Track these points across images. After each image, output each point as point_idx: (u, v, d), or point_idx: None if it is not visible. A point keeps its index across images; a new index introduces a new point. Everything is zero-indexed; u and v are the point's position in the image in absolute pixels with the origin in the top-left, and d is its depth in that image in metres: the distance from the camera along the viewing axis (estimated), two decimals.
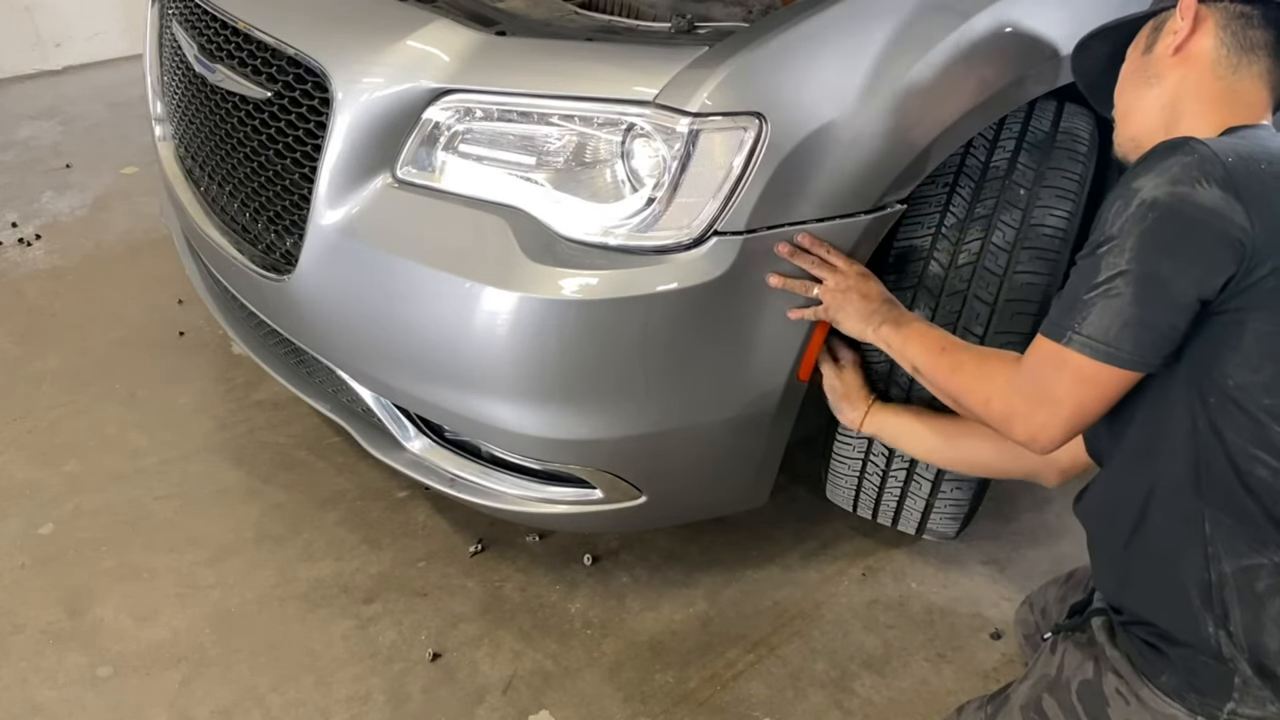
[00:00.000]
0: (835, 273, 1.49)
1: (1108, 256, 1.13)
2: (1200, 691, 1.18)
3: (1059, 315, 1.19)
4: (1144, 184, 1.11)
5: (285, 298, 1.72)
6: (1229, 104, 1.22)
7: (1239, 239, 1.08)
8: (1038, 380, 1.22)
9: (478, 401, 1.57)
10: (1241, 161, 1.09)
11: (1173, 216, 1.09)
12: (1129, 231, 1.11)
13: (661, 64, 1.42)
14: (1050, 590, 1.68)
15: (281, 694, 1.73)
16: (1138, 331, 1.12)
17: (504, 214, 1.48)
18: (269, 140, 1.70)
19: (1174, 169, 1.10)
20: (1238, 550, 1.15)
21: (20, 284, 2.89)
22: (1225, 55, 1.23)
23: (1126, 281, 1.11)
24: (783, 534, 2.07)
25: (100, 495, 2.14)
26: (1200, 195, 1.08)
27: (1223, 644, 1.16)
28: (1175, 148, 1.12)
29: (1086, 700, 1.28)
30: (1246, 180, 1.08)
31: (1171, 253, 1.10)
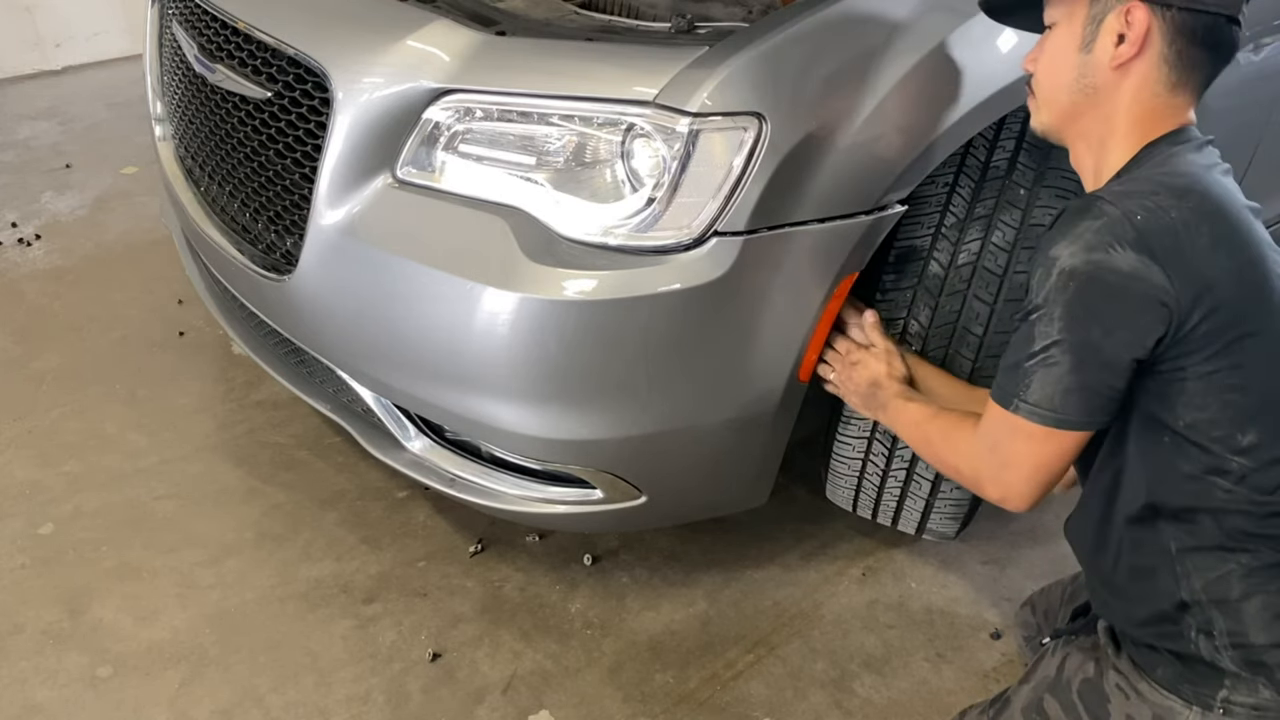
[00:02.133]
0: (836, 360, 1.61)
1: (1039, 325, 1.16)
2: (1194, 683, 1.22)
3: (1005, 381, 1.21)
4: (1060, 252, 1.13)
5: (285, 298, 1.72)
6: (1159, 118, 1.22)
7: (1161, 300, 1.10)
8: (995, 445, 1.26)
9: (478, 402, 1.57)
10: (1151, 216, 1.11)
11: (1093, 284, 1.11)
12: (1054, 301, 1.14)
13: (661, 64, 1.42)
14: (1053, 592, 1.68)
15: (281, 694, 1.73)
16: (1080, 396, 1.16)
17: (504, 214, 1.48)
18: (269, 140, 1.70)
19: (1086, 235, 1.12)
20: (1204, 565, 1.20)
21: (20, 284, 2.89)
22: (1166, 74, 1.20)
23: (1062, 350, 1.14)
24: (783, 534, 2.07)
25: (100, 495, 2.14)
26: (1116, 260, 1.10)
27: (1205, 649, 1.20)
28: (1084, 210, 1.14)
29: (1087, 698, 1.31)
30: (1159, 236, 1.10)
31: (1099, 320, 1.13)
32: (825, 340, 1.61)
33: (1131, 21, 1.18)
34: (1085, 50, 1.23)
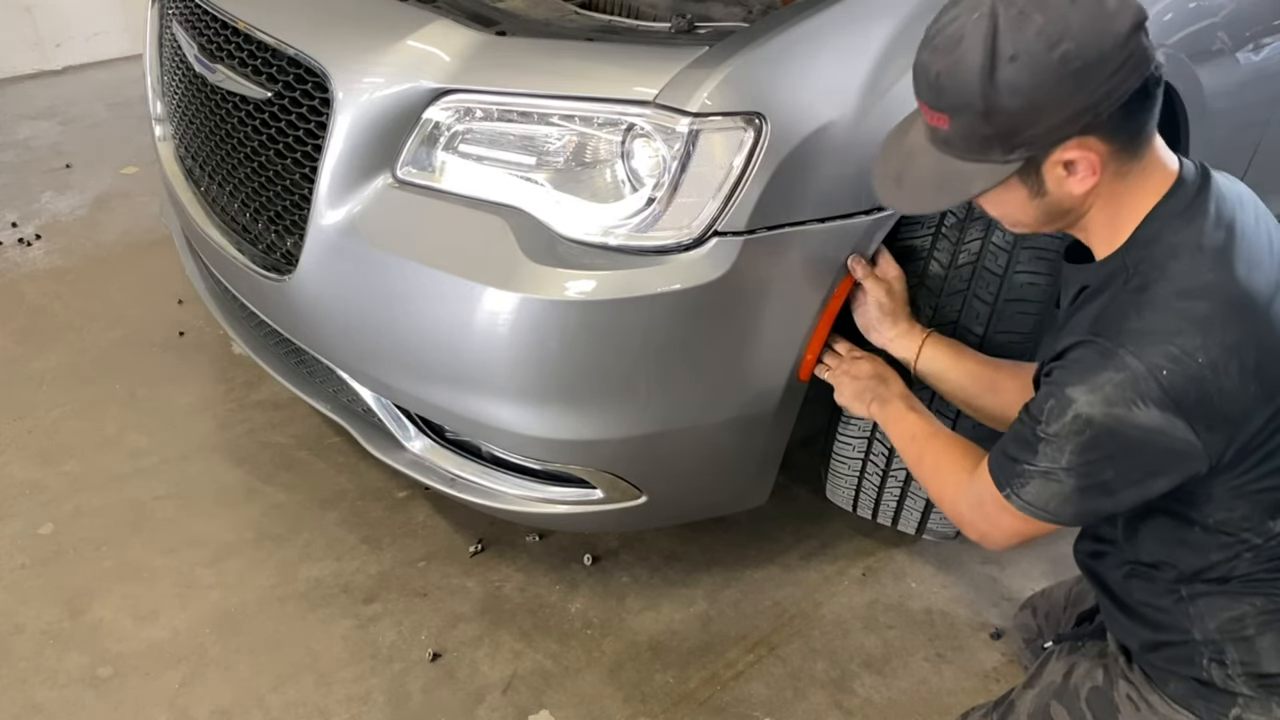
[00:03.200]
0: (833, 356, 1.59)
1: (1044, 446, 1.12)
2: (1207, 700, 1.21)
3: (1003, 467, 1.18)
4: (1077, 395, 1.08)
5: (285, 298, 1.72)
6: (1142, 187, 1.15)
7: (1185, 449, 1.07)
8: (981, 505, 1.24)
9: (478, 402, 1.57)
10: (1176, 369, 1.04)
11: (1112, 437, 1.08)
12: (1065, 437, 1.10)
13: (661, 64, 1.42)
14: (1055, 594, 1.68)
15: (281, 694, 1.73)
16: (1078, 509, 1.15)
17: (504, 214, 1.48)
18: (269, 140, 1.70)
19: (1107, 388, 1.06)
20: (1218, 608, 1.19)
21: (20, 284, 2.89)
22: (1126, 159, 1.12)
23: (1069, 476, 1.12)
24: (783, 534, 2.07)
25: (100, 495, 2.14)
26: (1138, 417, 1.06)
27: (1219, 676, 1.20)
28: (1107, 358, 1.07)
29: (1096, 707, 1.30)
30: (1185, 390, 1.04)
31: (1114, 464, 1.10)
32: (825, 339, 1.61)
33: (1074, 160, 1.10)
34: (1039, 197, 1.15)
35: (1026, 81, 1.05)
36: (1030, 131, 1.08)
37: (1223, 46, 1.81)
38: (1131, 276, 1.12)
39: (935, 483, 1.37)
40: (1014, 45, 1.05)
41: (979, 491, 1.24)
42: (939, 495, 1.36)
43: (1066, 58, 1.04)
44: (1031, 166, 1.12)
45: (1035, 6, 1.05)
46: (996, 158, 1.11)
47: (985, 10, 1.07)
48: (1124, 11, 1.05)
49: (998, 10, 1.06)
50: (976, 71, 1.07)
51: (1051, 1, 1.05)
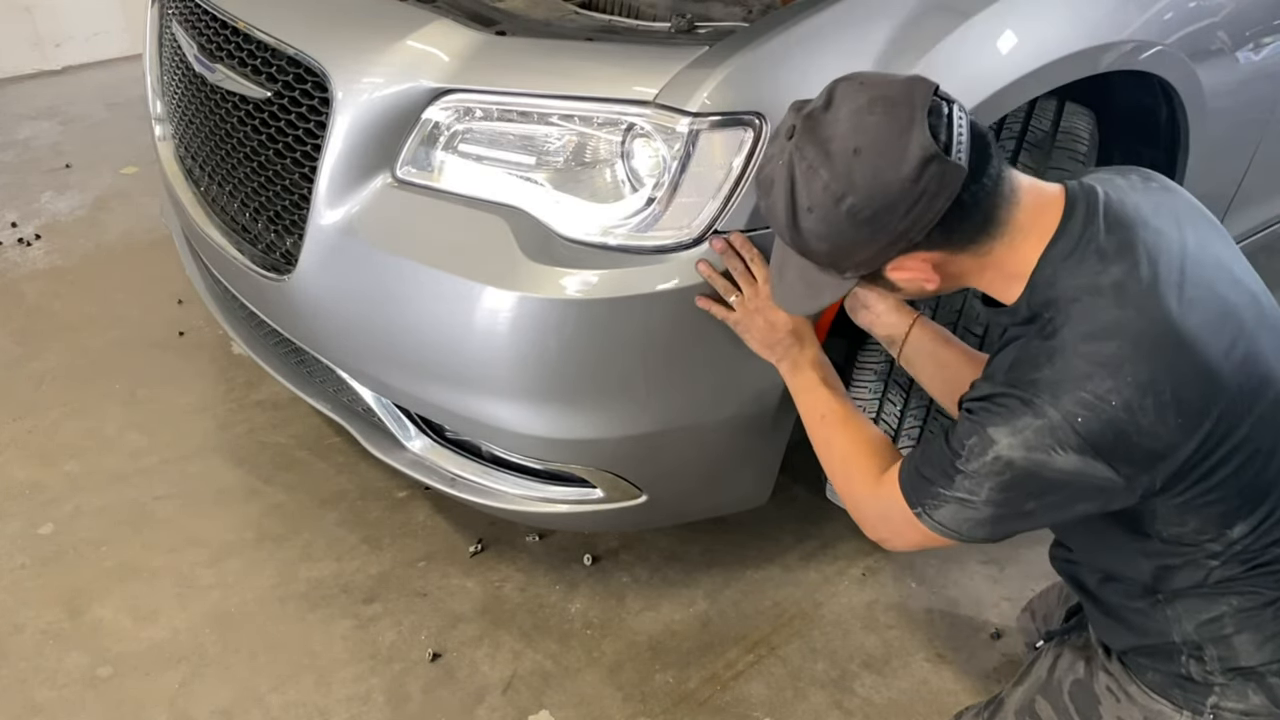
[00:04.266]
0: (751, 287, 1.42)
1: (962, 480, 1.12)
2: (1184, 689, 1.22)
3: (917, 485, 1.17)
4: (999, 437, 1.08)
5: (285, 297, 1.72)
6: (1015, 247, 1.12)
7: (1107, 486, 1.08)
8: (888, 515, 1.23)
9: (478, 401, 1.57)
10: (1092, 415, 1.04)
11: (1032, 478, 1.08)
12: (984, 476, 1.10)
13: (661, 64, 1.42)
14: (1050, 595, 1.68)
15: (281, 694, 1.73)
16: (993, 532, 1.15)
17: (504, 214, 1.48)
18: (269, 140, 1.70)
19: (1026, 432, 1.06)
20: (1195, 609, 1.19)
21: (20, 284, 2.89)
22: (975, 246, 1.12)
23: (986, 506, 1.12)
24: (783, 534, 2.07)
25: (100, 495, 2.14)
26: (1058, 462, 1.06)
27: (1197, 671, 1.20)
28: (1025, 405, 1.07)
29: (1079, 699, 1.31)
30: (1102, 433, 1.04)
31: (1036, 498, 1.10)
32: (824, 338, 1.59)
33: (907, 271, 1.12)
34: (896, 291, 1.18)
35: (824, 230, 1.09)
36: (848, 263, 1.13)
37: (1222, 46, 1.81)
38: (1042, 321, 1.11)
39: (841, 475, 1.34)
40: (808, 198, 1.09)
41: (887, 504, 1.22)
42: (844, 489, 1.33)
43: (854, 210, 1.06)
44: (873, 278, 1.16)
45: (821, 161, 1.07)
46: (834, 274, 1.16)
47: (785, 160, 1.10)
48: (908, 152, 1.03)
49: (794, 162, 1.09)
50: (783, 218, 1.12)
51: (835, 155, 1.06)
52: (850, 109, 1.07)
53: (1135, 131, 1.86)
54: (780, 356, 1.44)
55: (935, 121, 1.05)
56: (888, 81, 1.09)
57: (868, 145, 1.05)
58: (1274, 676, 1.17)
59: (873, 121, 1.05)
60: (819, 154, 1.07)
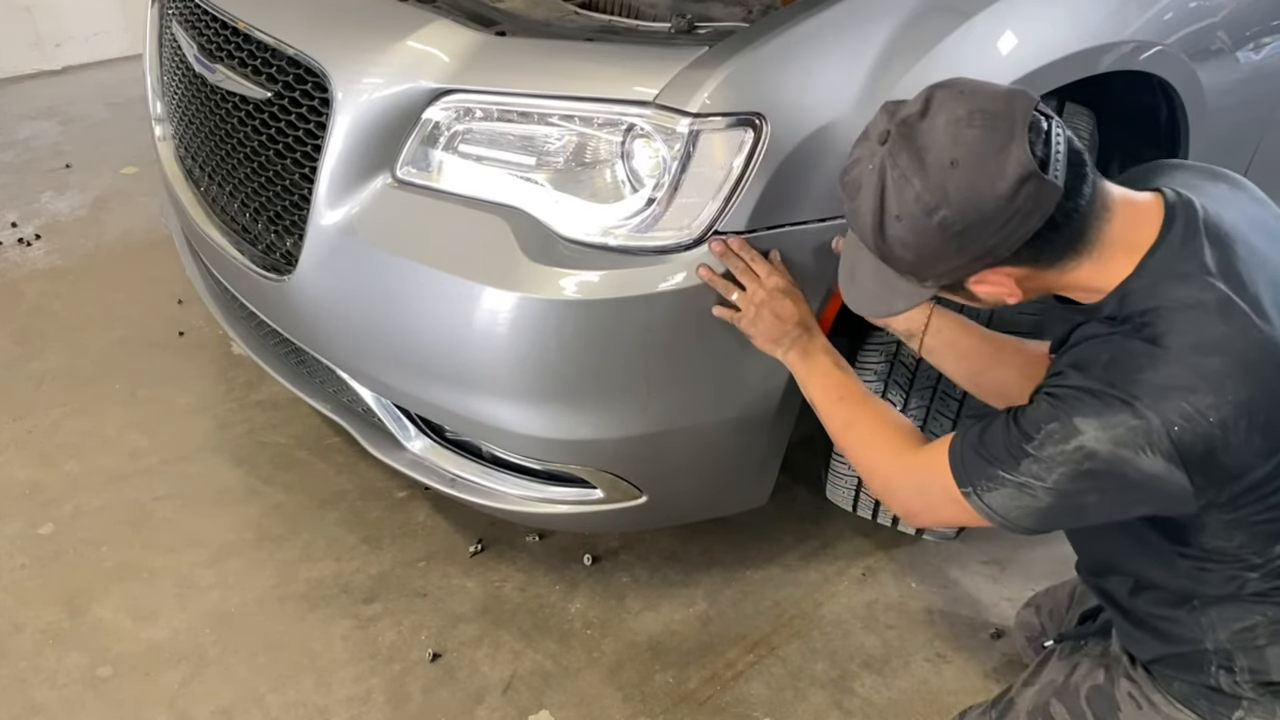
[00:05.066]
0: (755, 283, 1.42)
1: (1030, 464, 1.09)
2: (1211, 700, 1.21)
3: (970, 465, 1.15)
4: (1087, 429, 1.05)
5: (285, 298, 1.72)
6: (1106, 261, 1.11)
7: (1179, 495, 1.06)
8: (926, 489, 1.21)
9: (478, 402, 1.57)
10: (1189, 426, 1.03)
11: (1111, 473, 1.06)
12: (1059, 462, 1.07)
13: (661, 64, 1.42)
14: (1059, 592, 1.68)
15: (281, 694, 1.73)
16: (1040, 523, 1.13)
17: (504, 214, 1.48)
18: (269, 140, 1.69)
19: (1120, 429, 1.04)
20: (1229, 618, 1.18)
21: (20, 284, 2.89)
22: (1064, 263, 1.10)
23: (1047, 494, 1.09)
24: (783, 534, 2.07)
25: (100, 495, 2.14)
26: (1143, 463, 1.04)
27: (1226, 683, 1.20)
28: (1125, 405, 1.04)
29: (1097, 705, 1.30)
30: (1193, 446, 1.03)
31: (1101, 493, 1.09)
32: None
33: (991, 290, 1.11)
34: (976, 301, 1.17)
35: (912, 240, 1.08)
36: (931, 273, 1.12)
37: (1222, 46, 1.81)
38: (1141, 325, 1.09)
39: (864, 455, 1.32)
40: (898, 206, 1.07)
41: (926, 477, 1.20)
42: (868, 468, 1.31)
43: (945, 223, 1.05)
44: (951, 288, 1.15)
45: (915, 171, 1.05)
46: (914, 281, 1.14)
47: (876, 165, 1.08)
48: (1006, 169, 1.02)
49: (885, 168, 1.07)
50: (869, 223, 1.10)
51: (931, 166, 1.04)
52: (948, 119, 1.05)
53: (1135, 131, 1.86)
54: (789, 347, 1.43)
55: (1034, 138, 1.03)
56: (989, 93, 1.07)
57: (965, 159, 1.03)
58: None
59: (972, 135, 1.03)
60: (913, 163, 1.05)
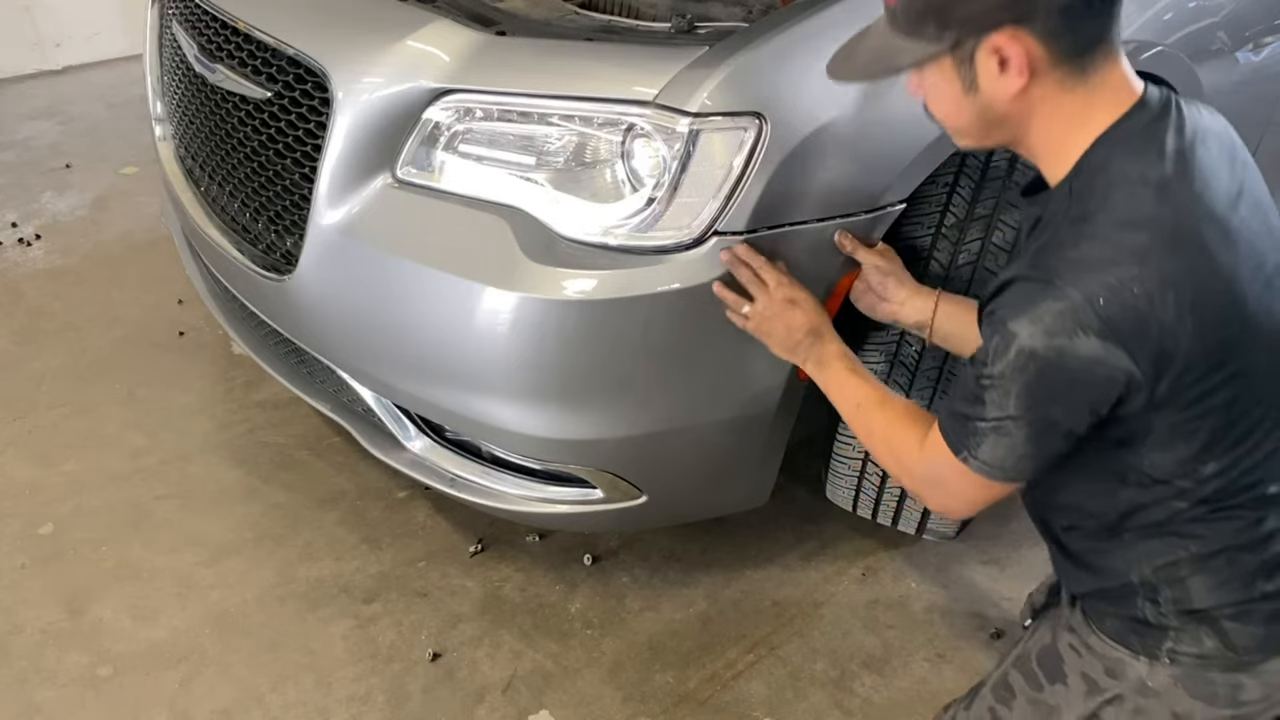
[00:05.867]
0: (764, 293, 1.42)
1: (991, 393, 1.10)
2: (1140, 635, 1.24)
3: (954, 429, 1.16)
4: (1020, 329, 1.06)
5: (285, 298, 1.72)
6: (1093, 105, 1.10)
7: (1124, 379, 1.07)
8: (940, 479, 1.22)
9: (478, 401, 1.57)
10: (1114, 298, 1.03)
11: (1054, 370, 1.07)
12: (1011, 378, 1.08)
13: (661, 64, 1.42)
14: (1046, 583, 1.69)
15: (281, 694, 1.73)
16: (1035, 462, 1.14)
17: (504, 214, 1.48)
18: (269, 140, 1.70)
19: (1047, 318, 1.05)
20: (1155, 552, 1.20)
21: (20, 284, 2.89)
22: (1070, 71, 1.08)
23: (1018, 425, 1.11)
24: (783, 534, 2.07)
25: (100, 495, 2.14)
26: (1079, 347, 1.04)
27: (1152, 614, 1.22)
28: (1046, 289, 1.05)
29: (1045, 663, 1.34)
30: (1122, 318, 1.03)
31: (1060, 399, 1.09)
32: None
33: (1006, 54, 1.07)
34: (971, 91, 1.12)
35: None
36: (961, 10, 1.07)
37: (1222, 46, 1.81)
38: (1073, 203, 1.10)
39: (889, 456, 1.32)
40: None
41: (936, 463, 1.21)
42: (896, 469, 1.32)
43: None
44: (964, 53, 1.09)
45: None
46: (930, 35, 1.09)
47: None
48: None
49: None
50: None
51: None
52: None
53: None
54: (804, 357, 1.44)
55: None
56: None
57: None
58: (1227, 620, 1.19)
59: None
60: None
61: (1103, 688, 1.27)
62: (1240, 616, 1.19)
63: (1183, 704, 1.22)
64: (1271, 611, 1.19)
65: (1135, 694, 1.24)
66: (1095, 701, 1.27)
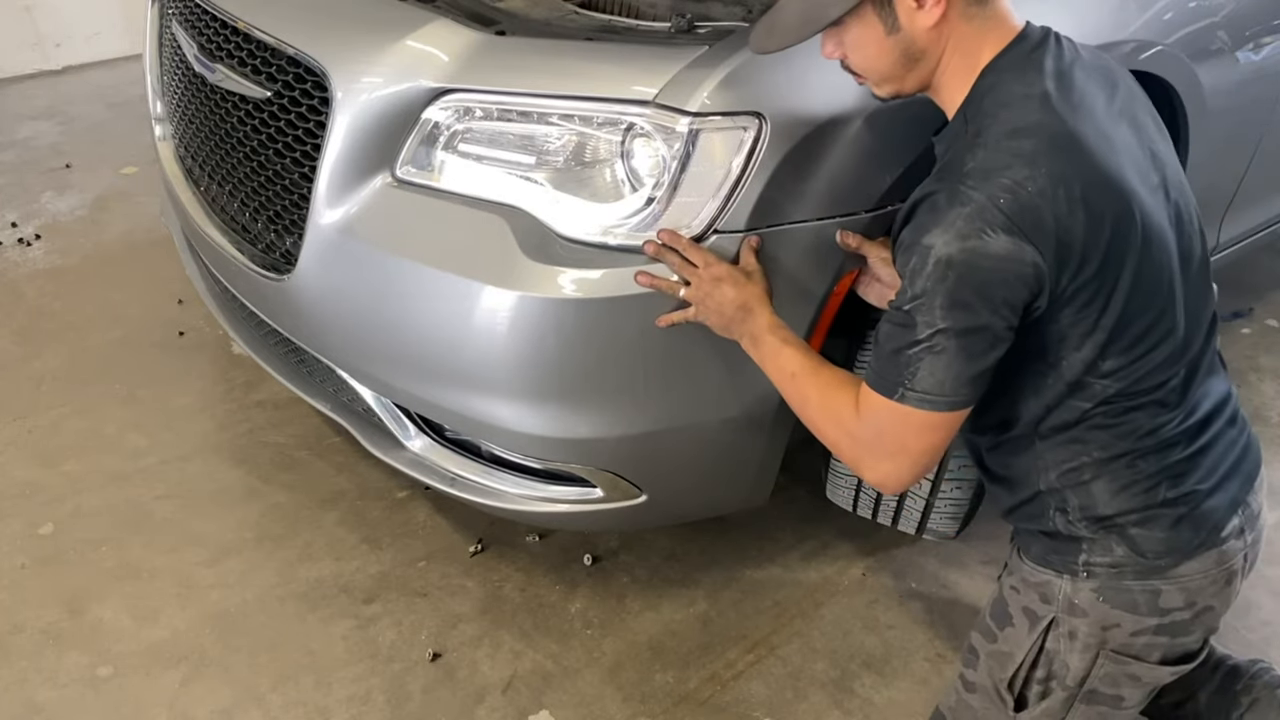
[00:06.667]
0: (695, 277, 1.41)
1: (919, 314, 1.16)
2: (1059, 553, 1.32)
3: (886, 370, 1.20)
4: (934, 240, 1.14)
5: (285, 297, 1.72)
6: (985, 37, 1.22)
7: (1035, 273, 1.14)
8: (880, 435, 1.24)
9: (478, 400, 1.57)
10: (1013, 198, 1.12)
11: (972, 271, 1.13)
12: (933, 291, 1.14)
13: (661, 63, 1.42)
14: None
15: (281, 694, 1.73)
16: (971, 380, 1.18)
17: (503, 213, 1.48)
18: (269, 140, 1.70)
19: (958, 223, 1.13)
20: (1060, 459, 1.28)
21: (20, 284, 2.89)
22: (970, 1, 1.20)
23: (947, 337, 1.15)
24: (783, 534, 2.07)
25: (100, 495, 2.14)
26: (990, 245, 1.12)
27: (1062, 524, 1.30)
28: (952, 198, 1.14)
29: (995, 613, 1.41)
30: (1023, 215, 1.12)
31: (982, 302, 1.14)
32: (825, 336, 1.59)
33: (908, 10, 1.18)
34: (893, 32, 1.21)
35: None
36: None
37: (1222, 46, 1.81)
38: (968, 126, 1.20)
39: (828, 425, 1.32)
40: None
41: (873, 418, 1.23)
42: (834, 439, 1.32)
43: None
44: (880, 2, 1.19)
45: None
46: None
47: None
48: None
49: None
50: None
51: None
52: None
53: None
54: (739, 334, 1.43)
55: None
56: None
57: None
58: (1133, 527, 1.27)
59: None
60: None
61: (1040, 615, 1.34)
62: (1145, 523, 1.26)
63: (1109, 616, 1.29)
64: (1175, 517, 1.26)
65: (1066, 614, 1.32)
66: (1037, 632, 1.35)
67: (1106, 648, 1.31)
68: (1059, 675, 1.35)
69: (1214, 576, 1.29)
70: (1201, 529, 1.27)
